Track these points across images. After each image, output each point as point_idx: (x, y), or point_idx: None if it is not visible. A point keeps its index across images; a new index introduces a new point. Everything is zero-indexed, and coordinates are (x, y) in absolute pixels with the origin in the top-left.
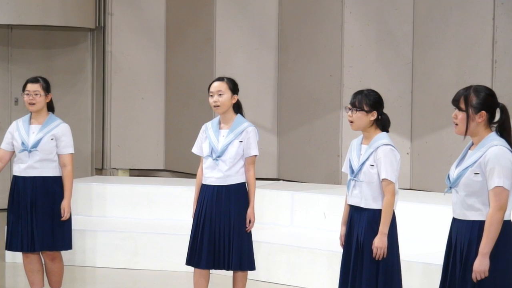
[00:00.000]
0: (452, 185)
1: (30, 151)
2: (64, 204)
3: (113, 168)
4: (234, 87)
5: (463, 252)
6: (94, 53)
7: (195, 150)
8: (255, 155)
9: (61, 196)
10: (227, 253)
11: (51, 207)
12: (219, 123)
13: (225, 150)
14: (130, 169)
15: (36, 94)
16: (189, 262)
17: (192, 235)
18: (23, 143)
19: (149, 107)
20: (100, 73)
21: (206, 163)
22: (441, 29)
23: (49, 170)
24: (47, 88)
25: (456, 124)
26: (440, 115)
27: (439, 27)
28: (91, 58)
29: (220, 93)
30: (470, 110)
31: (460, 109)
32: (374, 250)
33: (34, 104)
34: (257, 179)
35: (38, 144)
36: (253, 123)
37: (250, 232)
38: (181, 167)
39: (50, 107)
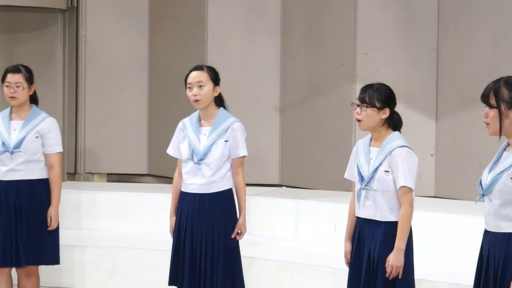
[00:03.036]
0: (484, 192)
1: (12, 153)
2: (51, 211)
3: (88, 173)
4: (215, 77)
5: (497, 270)
6: (65, 38)
7: (170, 151)
8: (244, 156)
9: (49, 202)
10: (209, 273)
11: (38, 214)
12: (199, 119)
13: (208, 152)
14: (108, 174)
15: (18, 86)
16: (172, 281)
17: (174, 251)
18: (3, 144)
19: (130, 101)
20: (73, 61)
21: (186, 168)
22: (471, 10)
23: (35, 172)
24: (30, 79)
25: (488, 124)
26: (470, 110)
27: (469, 7)
28: (62, 44)
29: (200, 85)
30: (502, 106)
31: (490, 105)
32: (389, 269)
33: (15, 98)
34: (256, 185)
35: (21, 144)
36: (253, 121)
37: (238, 247)
38: (167, 171)
39: (33, 99)
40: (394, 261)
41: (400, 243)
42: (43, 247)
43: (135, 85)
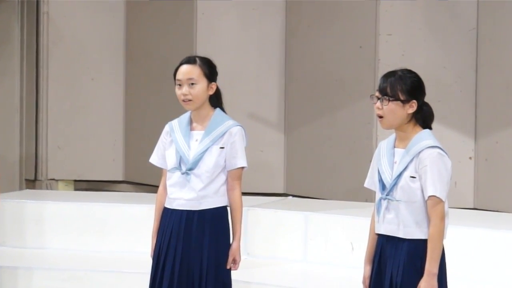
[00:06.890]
0: None
1: None
2: None
3: (51, 179)
4: (210, 72)
5: None
6: (23, 16)
7: (154, 160)
8: (243, 167)
9: None
10: None
11: None
12: (190, 122)
13: (199, 160)
14: (75, 181)
15: None
16: None
17: (152, 278)
18: None
19: (103, 93)
20: (33, 44)
21: (172, 179)
22: None
23: None
24: None
25: None
26: None
27: None
28: (19, 23)
29: (191, 82)
30: None
31: None
32: None
33: None
34: (256, 194)
35: None
36: (252, 116)
37: (230, 279)
38: (147, 177)
39: None
40: None
41: (431, 266)
42: None
43: (108, 72)
